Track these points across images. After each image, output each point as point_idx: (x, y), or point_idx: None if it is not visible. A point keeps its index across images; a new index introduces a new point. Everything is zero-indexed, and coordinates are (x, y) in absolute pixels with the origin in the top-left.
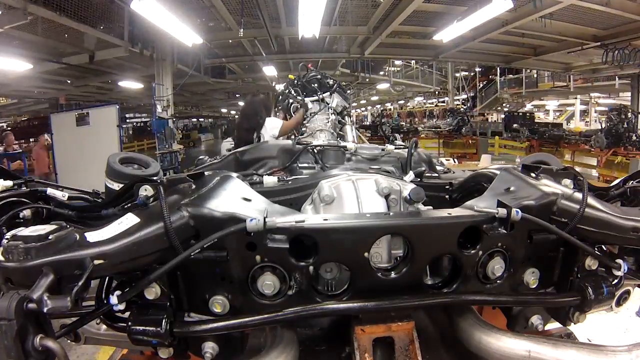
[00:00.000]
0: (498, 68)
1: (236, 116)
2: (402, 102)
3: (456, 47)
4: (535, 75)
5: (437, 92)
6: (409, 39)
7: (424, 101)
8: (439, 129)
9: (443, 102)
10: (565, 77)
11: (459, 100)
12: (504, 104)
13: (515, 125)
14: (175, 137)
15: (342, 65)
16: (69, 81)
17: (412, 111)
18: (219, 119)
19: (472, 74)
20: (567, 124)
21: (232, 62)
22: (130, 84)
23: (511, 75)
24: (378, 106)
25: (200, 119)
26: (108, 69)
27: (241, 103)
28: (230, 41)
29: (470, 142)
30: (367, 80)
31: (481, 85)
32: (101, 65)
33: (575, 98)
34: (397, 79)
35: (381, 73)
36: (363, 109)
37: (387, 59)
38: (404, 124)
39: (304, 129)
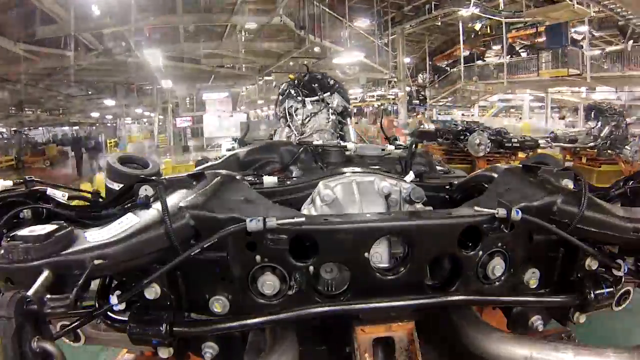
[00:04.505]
0: (461, 49)
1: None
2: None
3: None
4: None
5: (387, 82)
6: None
7: (362, 94)
8: None
9: (382, 96)
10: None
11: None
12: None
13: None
14: None
15: (287, 13)
16: None
17: None
18: (95, 125)
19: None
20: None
21: None
22: None
23: (480, 61)
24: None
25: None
26: None
27: (126, 103)
28: None
29: None
30: (317, 48)
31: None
32: None
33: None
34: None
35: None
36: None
37: None
38: None
39: (304, 129)
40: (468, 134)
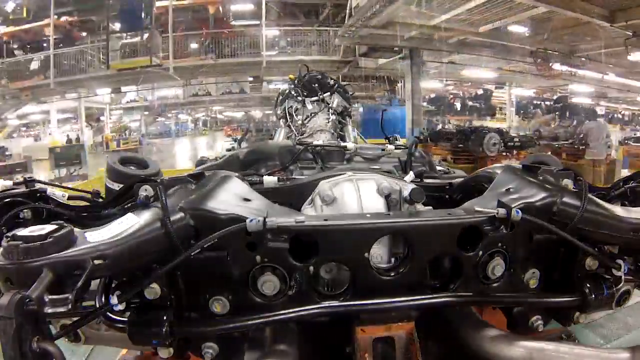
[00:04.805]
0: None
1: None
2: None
3: None
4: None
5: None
6: None
7: None
8: None
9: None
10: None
11: None
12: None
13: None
14: None
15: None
16: None
17: None
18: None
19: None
20: None
21: None
22: None
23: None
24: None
25: None
26: None
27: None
28: None
29: None
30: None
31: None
32: None
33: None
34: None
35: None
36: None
37: None
38: None
39: (304, 129)
40: (470, 135)
